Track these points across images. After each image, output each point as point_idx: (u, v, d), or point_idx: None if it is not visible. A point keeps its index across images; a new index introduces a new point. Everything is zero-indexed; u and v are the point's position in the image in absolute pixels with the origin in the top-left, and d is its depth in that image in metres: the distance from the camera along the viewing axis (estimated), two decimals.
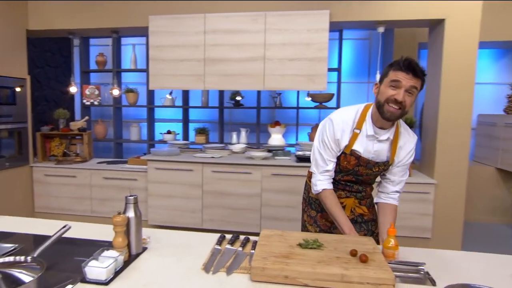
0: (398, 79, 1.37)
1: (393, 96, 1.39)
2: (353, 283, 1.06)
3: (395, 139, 1.54)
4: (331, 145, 1.56)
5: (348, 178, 1.64)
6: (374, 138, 1.52)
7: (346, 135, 1.54)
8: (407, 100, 1.39)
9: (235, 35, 3.27)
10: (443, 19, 3.13)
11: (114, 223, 1.26)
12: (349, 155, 1.56)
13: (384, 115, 1.43)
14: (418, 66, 1.38)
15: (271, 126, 4.12)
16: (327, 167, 1.58)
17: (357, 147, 1.54)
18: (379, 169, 1.58)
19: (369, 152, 1.54)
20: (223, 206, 3.34)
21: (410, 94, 1.39)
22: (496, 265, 1.27)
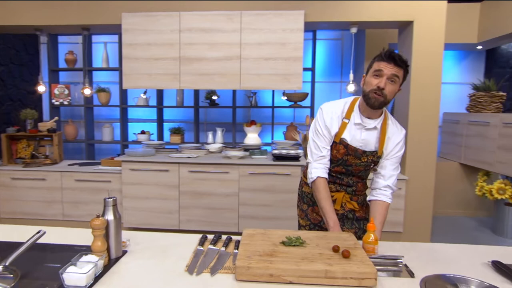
0: (380, 68, 1.49)
1: (377, 84, 1.49)
2: (337, 278, 1.09)
3: (383, 130, 1.61)
4: (323, 131, 1.64)
5: (338, 169, 1.69)
6: (361, 126, 1.61)
7: (335, 123, 1.63)
8: (389, 87, 1.49)
9: (211, 34, 3.25)
10: (411, 21, 3.26)
11: (92, 226, 1.22)
12: (338, 143, 1.63)
13: (369, 102, 1.53)
14: (398, 56, 1.48)
15: (247, 125, 4.13)
16: (322, 153, 1.65)
17: (345, 136, 1.62)
18: (367, 159, 1.63)
19: (357, 141, 1.61)
20: (201, 207, 3.32)
21: (392, 82, 1.50)
22: (468, 255, 1.33)
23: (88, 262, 1.14)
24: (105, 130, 4.21)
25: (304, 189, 1.84)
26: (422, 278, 1.13)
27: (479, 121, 4.12)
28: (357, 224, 1.71)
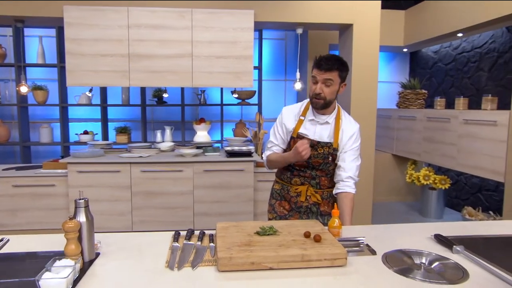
0: (314, 75, 1.72)
1: (314, 90, 1.72)
2: (312, 261, 1.19)
3: (337, 124, 1.81)
4: (278, 131, 1.89)
5: (300, 163, 1.82)
6: (315, 122, 1.81)
7: (293, 121, 1.85)
8: (325, 91, 1.70)
9: (161, 30, 3.20)
10: (351, 24, 3.53)
11: (66, 229, 1.18)
12: (296, 138, 1.81)
13: (312, 105, 1.79)
14: (326, 61, 1.67)
15: (196, 123, 4.13)
16: (271, 146, 1.92)
17: (302, 130, 1.82)
18: (323, 150, 1.78)
19: (313, 133, 1.80)
20: (154, 206, 3.26)
21: (328, 86, 1.70)
22: (415, 231, 1.54)
23: (65, 266, 1.11)
24: (43, 131, 3.90)
25: (275, 186, 1.99)
26: (382, 254, 1.30)
27: (407, 116, 4.61)
28: (321, 219, 1.84)
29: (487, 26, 3.66)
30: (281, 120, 1.88)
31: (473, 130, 3.49)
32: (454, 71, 4.60)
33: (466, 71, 4.40)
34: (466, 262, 1.23)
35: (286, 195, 1.90)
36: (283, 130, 1.87)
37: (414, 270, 1.19)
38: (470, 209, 3.80)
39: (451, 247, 1.33)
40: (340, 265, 1.20)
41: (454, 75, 4.59)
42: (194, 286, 1.09)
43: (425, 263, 1.25)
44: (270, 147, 1.91)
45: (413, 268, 1.21)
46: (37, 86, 3.82)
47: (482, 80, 4.16)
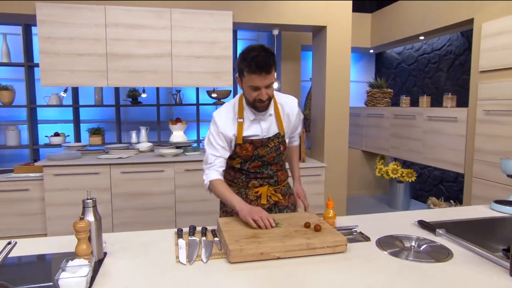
0: (256, 85, 1.49)
1: (258, 96, 1.52)
2: (316, 248, 1.29)
3: (277, 112, 1.68)
4: (215, 140, 1.63)
5: (254, 164, 1.70)
6: (257, 119, 1.64)
7: (231, 126, 1.63)
8: (269, 92, 1.54)
9: (139, 30, 3.17)
10: (325, 26, 3.69)
11: (77, 229, 1.19)
12: (243, 144, 1.64)
13: (258, 109, 1.59)
14: (266, 63, 1.45)
15: (172, 123, 4.11)
16: (213, 160, 1.64)
17: (247, 134, 1.64)
18: (274, 143, 1.67)
19: (260, 131, 1.65)
20: (136, 208, 3.23)
21: (270, 86, 1.52)
22: (400, 219, 1.68)
23: (80, 265, 1.12)
24: (10, 133, 3.70)
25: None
26: (376, 240, 1.42)
27: (375, 113, 4.87)
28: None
29: (445, 30, 3.97)
30: (217, 130, 1.62)
31: (436, 126, 3.78)
32: (416, 71, 4.93)
33: (427, 71, 4.73)
34: (449, 243, 1.38)
35: (245, 199, 1.71)
36: (222, 139, 1.63)
37: (405, 252, 1.32)
38: (434, 199, 4.10)
39: (434, 231, 1.48)
40: (341, 251, 1.31)
41: (417, 75, 4.92)
42: (209, 278, 1.15)
43: (414, 246, 1.38)
44: (212, 162, 1.63)
45: (404, 250, 1.34)
46: (2, 86, 3.62)
47: (441, 79, 4.49)
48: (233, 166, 1.76)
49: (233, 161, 1.73)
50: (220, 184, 1.63)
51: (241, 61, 1.52)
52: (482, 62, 3.19)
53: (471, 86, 3.35)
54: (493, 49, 3.09)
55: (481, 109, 3.21)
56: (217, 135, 1.63)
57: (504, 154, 3.00)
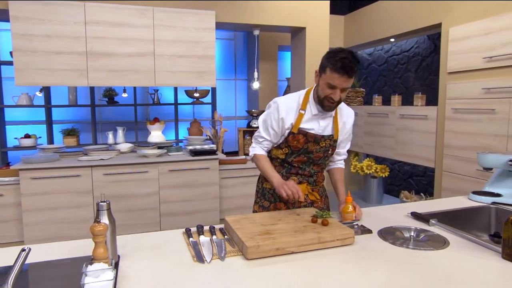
0: (334, 83, 1.54)
1: (330, 95, 1.58)
2: (327, 241, 1.36)
3: (335, 116, 1.75)
4: (272, 126, 1.71)
5: (300, 158, 1.75)
6: (319, 116, 1.70)
7: (292, 115, 1.69)
8: (342, 96, 1.60)
9: (121, 28, 3.09)
10: (304, 27, 3.79)
11: (95, 232, 1.17)
12: (297, 134, 1.69)
13: (324, 108, 1.65)
14: (352, 68, 1.51)
15: (150, 123, 4.05)
16: (262, 141, 1.77)
17: (303, 126, 1.69)
18: (325, 143, 1.73)
19: (317, 127, 1.70)
20: (119, 210, 3.15)
21: (344, 90, 1.59)
22: (394, 211, 1.79)
23: (102, 269, 1.11)
24: None
25: (265, 185, 1.86)
26: (377, 231, 1.51)
27: None
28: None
29: (415, 33, 4.21)
30: (278, 115, 1.68)
31: (408, 124, 4.01)
32: (386, 72, 5.18)
33: (396, 71, 4.98)
34: (443, 232, 1.51)
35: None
36: (279, 125, 1.69)
37: (406, 241, 1.43)
38: (406, 192, 4.35)
39: (428, 221, 1.60)
40: (349, 244, 1.39)
41: (387, 75, 5.17)
42: (230, 275, 1.17)
43: (413, 235, 1.49)
44: (262, 141, 1.76)
45: (405, 240, 1.44)
46: None
47: (410, 79, 4.76)
48: (277, 156, 1.79)
49: (279, 150, 1.77)
50: (264, 158, 1.76)
51: (328, 58, 1.56)
52: (450, 64, 3.44)
53: (440, 86, 3.59)
54: (459, 52, 3.34)
55: (449, 108, 3.45)
56: (275, 120, 1.70)
57: (470, 149, 3.26)
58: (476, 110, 3.18)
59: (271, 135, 1.74)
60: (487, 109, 3.09)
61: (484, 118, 3.12)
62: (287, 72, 5.26)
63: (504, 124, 2.96)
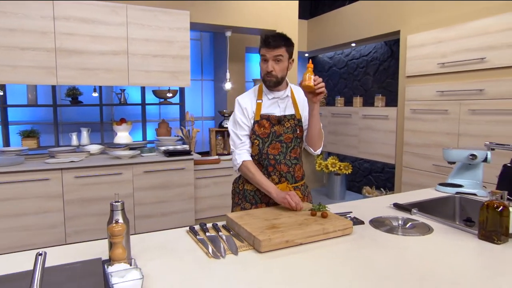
0: (263, 54, 1.71)
1: (266, 69, 1.72)
2: (330, 232, 1.46)
3: (293, 97, 1.84)
4: (241, 119, 1.79)
5: (273, 146, 1.78)
6: (275, 99, 1.81)
7: (252, 105, 1.80)
8: (276, 68, 1.71)
9: (93, 25, 2.97)
10: (274, 30, 3.90)
11: (113, 233, 1.16)
12: (260, 120, 1.78)
13: (265, 84, 1.77)
14: (273, 38, 1.68)
15: (117, 124, 3.93)
16: (242, 141, 1.80)
17: (264, 111, 1.80)
18: (290, 123, 1.80)
19: (278, 110, 1.80)
20: (91, 214, 3.03)
21: (279, 62, 1.70)
22: (376, 204, 1.95)
23: (126, 269, 1.11)
24: None
25: (246, 187, 1.87)
26: (368, 221, 1.65)
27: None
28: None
29: (375, 39, 4.52)
30: (240, 107, 1.80)
31: (370, 123, 4.29)
32: (346, 75, 5.48)
33: (356, 74, 5.30)
34: (425, 220, 1.68)
35: (263, 197, 1.82)
36: (245, 115, 1.79)
37: (395, 229, 1.58)
38: (368, 188, 4.65)
39: (410, 211, 1.77)
40: (348, 234, 1.50)
41: (347, 78, 5.47)
42: (248, 268, 1.22)
43: (401, 224, 1.65)
44: (243, 141, 1.79)
45: (394, 228, 1.59)
46: None
47: (369, 82, 5.09)
48: (254, 154, 1.81)
49: (252, 146, 1.81)
50: (254, 167, 1.76)
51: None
52: (408, 68, 3.75)
53: (399, 88, 3.90)
54: (416, 58, 3.66)
55: (408, 108, 3.77)
56: (242, 114, 1.79)
57: (426, 146, 3.58)
58: (432, 110, 3.51)
59: (246, 129, 1.81)
60: (441, 110, 3.43)
61: (438, 118, 3.46)
62: (254, 74, 5.36)
63: (455, 123, 3.31)
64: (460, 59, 3.22)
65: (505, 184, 2.03)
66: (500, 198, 1.42)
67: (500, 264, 1.25)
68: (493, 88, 3.00)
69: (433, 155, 3.51)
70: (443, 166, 3.39)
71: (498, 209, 1.40)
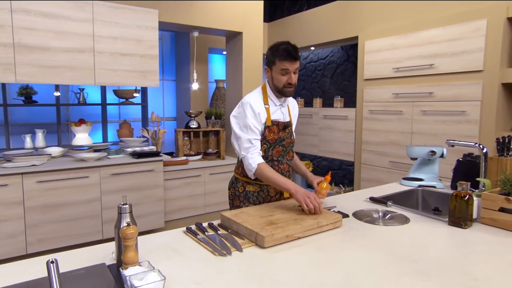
0: (286, 67, 1.75)
1: (287, 80, 1.78)
2: (323, 226, 1.56)
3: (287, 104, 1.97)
4: (253, 124, 1.78)
5: (277, 149, 1.87)
6: (280, 105, 1.89)
7: (263, 110, 1.83)
8: (295, 78, 1.80)
9: (56, 20, 2.79)
10: (241, 32, 3.97)
11: (127, 236, 1.15)
12: (271, 126, 1.83)
13: (285, 95, 1.85)
14: (295, 51, 1.76)
15: (75, 124, 3.75)
16: (254, 145, 1.78)
17: (273, 117, 1.85)
18: (289, 129, 1.92)
19: (282, 117, 1.89)
20: (55, 221, 2.86)
21: (296, 73, 1.80)
22: (353, 198, 2.10)
23: (144, 272, 1.10)
24: None
25: (248, 188, 1.90)
26: (351, 214, 1.79)
27: None
28: None
29: (333, 43, 4.77)
30: (253, 112, 1.79)
31: (330, 123, 4.53)
32: (305, 77, 5.70)
33: (314, 77, 5.54)
34: (400, 211, 1.86)
35: (266, 196, 1.89)
36: (258, 120, 1.80)
37: (377, 220, 1.73)
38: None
39: (385, 203, 1.95)
40: (338, 226, 1.62)
41: (305, 80, 5.69)
42: (257, 263, 1.27)
43: (381, 215, 1.81)
44: (255, 145, 1.78)
45: (375, 219, 1.75)
46: None
47: (326, 84, 5.35)
48: None
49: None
50: (268, 167, 1.77)
51: (273, 52, 1.78)
52: (366, 72, 4.03)
53: (358, 90, 4.17)
54: (373, 62, 3.94)
55: (366, 109, 4.04)
56: (255, 118, 1.79)
57: (383, 144, 3.88)
58: (388, 111, 3.81)
59: (258, 133, 1.81)
60: (396, 110, 3.74)
61: (394, 118, 3.77)
62: (216, 74, 5.37)
63: (409, 123, 3.63)
64: (413, 64, 3.54)
65: (459, 176, 2.30)
66: (466, 188, 1.63)
67: (469, 244, 1.44)
68: (441, 92, 3.35)
69: (389, 152, 3.82)
70: (399, 162, 3.70)
71: (465, 198, 1.60)
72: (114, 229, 1.24)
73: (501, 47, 2.96)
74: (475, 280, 1.13)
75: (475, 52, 3.10)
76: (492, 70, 3.02)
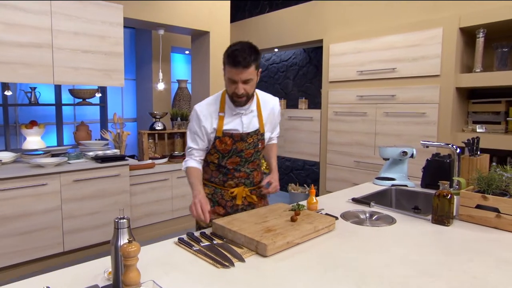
0: (232, 77, 1.54)
1: (234, 90, 1.57)
2: (319, 230, 1.57)
3: (259, 110, 1.74)
4: (196, 132, 1.70)
5: (232, 160, 1.74)
6: (239, 114, 1.69)
7: (213, 120, 1.68)
8: (247, 88, 1.58)
9: (8, 11, 2.51)
10: (208, 31, 3.87)
11: (129, 254, 1.05)
12: (222, 137, 1.68)
13: (235, 104, 1.65)
14: (244, 58, 1.49)
15: (26, 127, 3.43)
16: (190, 151, 1.74)
17: (227, 127, 1.68)
18: (253, 139, 1.72)
19: (241, 126, 1.69)
20: (9, 234, 2.57)
21: (248, 82, 1.56)
22: (335, 199, 2.13)
23: None
24: None
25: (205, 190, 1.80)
26: (339, 215, 1.81)
27: None
28: None
29: (296, 46, 4.85)
30: (199, 123, 1.68)
31: (296, 124, 4.59)
32: (267, 78, 5.73)
33: (276, 78, 5.58)
34: (386, 211, 1.92)
35: (220, 200, 1.81)
36: (203, 132, 1.69)
37: (365, 221, 1.77)
38: (293, 185, 4.96)
39: (368, 204, 2.00)
40: (332, 230, 1.63)
41: (268, 81, 5.72)
42: (264, 272, 1.24)
43: (368, 216, 1.85)
44: (190, 151, 1.74)
45: (363, 220, 1.79)
46: None
47: (289, 86, 5.42)
48: (212, 161, 1.78)
49: (211, 156, 1.76)
50: (194, 172, 1.71)
51: (224, 53, 1.57)
52: (331, 74, 4.14)
53: (323, 92, 4.27)
54: (338, 65, 4.06)
55: (331, 111, 4.16)
56: (198, 128, 1.69)
57: (348, 145, 4.02)
58: (352, 113, 3.95)
59: (199, 143, 1.72)
60: (360, 112, 3.88)
61: (358, 119, 3.91)
62: (178, 74, 5.20)
63: (373, 124, 3.80)
64: (376, 68, 3.70)
65: (429, 175, 2.45)
66: (447, 187, 1.72)
67: (453, 241, 1.53)
68: (402, 94, 3.54)
69: (354, 153, 3.96)
70: (363, 162, 3.85)
71: (447, 197, 1.69)
72: (110, 246, 1.13)
73: (455, 54, 3.19)
74: (474, 277, 1.19)
75: (432, 58, 3.32)
76: (447, 75, 3.25)
